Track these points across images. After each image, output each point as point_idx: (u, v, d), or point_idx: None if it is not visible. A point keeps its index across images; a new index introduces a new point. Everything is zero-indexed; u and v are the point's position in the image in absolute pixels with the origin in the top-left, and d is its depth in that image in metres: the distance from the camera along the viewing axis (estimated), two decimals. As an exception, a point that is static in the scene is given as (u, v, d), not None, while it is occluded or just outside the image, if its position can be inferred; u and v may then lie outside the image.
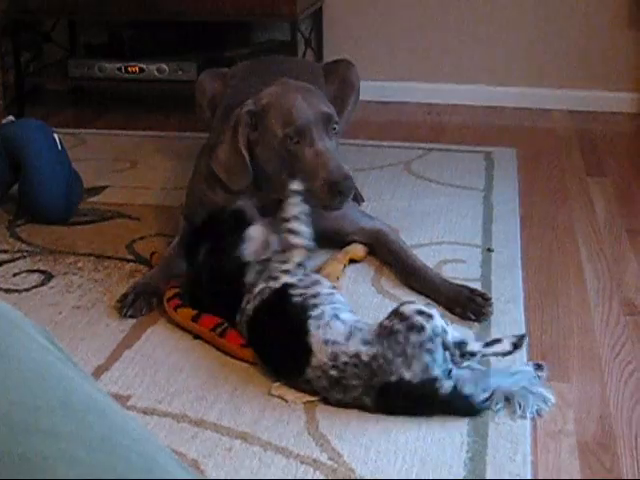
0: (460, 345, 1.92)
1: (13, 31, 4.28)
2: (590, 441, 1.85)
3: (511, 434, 1.84)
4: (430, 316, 1.90)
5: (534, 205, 3.13)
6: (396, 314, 1.92)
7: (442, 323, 1.92)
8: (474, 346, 1.96)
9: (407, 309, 1.92)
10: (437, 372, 1.87)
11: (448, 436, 1.83)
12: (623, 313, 2.38)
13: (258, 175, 2.46)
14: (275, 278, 2.10)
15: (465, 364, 1.94)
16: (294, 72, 3.17)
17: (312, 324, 1.94)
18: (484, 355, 1.97)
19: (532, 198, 3.19)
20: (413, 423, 1.87)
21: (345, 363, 1.88)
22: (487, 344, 1.98)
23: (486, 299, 2.33)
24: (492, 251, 2.70)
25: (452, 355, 1.91)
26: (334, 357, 1.89)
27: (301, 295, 2.03)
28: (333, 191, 2.31)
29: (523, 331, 2.24)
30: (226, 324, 2.18)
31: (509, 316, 2.31)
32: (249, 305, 2.09)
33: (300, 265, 2.14)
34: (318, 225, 2.26)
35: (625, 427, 1.89)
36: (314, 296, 2.03)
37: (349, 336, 1.91)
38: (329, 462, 1.75)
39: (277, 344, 2.01)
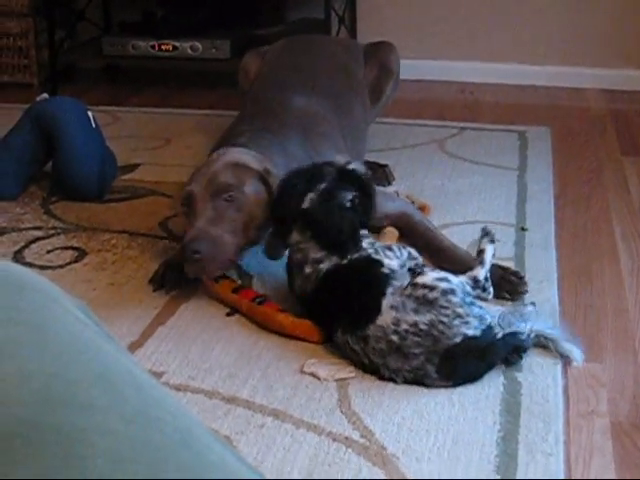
0: (476, 283, 2.10)
1: (47, 9, 4.30)
2: (623, 421, 1.84)
3: (543, 413, 1.83)
4: (446, 278, 1.99)
5: (568, 185, 3.11)
6: (418, 286, 1.96)
7: (455, 277, 2.02)
8: (480, 273, 2.13)
9: (427, 279, 1.97)
10: (489, 317, 1.96)
11: (480, 415, 1.83)
12: (658, 294, 2.37)
13: None
14: (377, 251, 2.13)
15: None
16: (331, 51, 3.16)
17: (389, 290, 1.99)
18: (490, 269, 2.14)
19: (566, 178, 3.17)
20: (446, 402, 1.87)
21: (406, 331, 1.91)
22: (480, 262, 2.15)
23: (520, 277, 2.32)
24: (526, 230, 2.69)
25: (480, 295, 2.09)
26: (396, 322, 1.92)
27: (391, 270, 2.08)
28: (183, 253, 2.23)
29: (557, 311, 2.23)
30: (265, 297, 2.22)
31: (542, 295, 2.30)
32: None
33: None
34: None
35: (659, 408, 1.88)
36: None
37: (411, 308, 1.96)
38: (361, 440, 1.75)
39: (353, 296, 2.03)
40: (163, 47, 4.19)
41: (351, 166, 2.25)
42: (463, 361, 1.91)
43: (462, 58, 4.46)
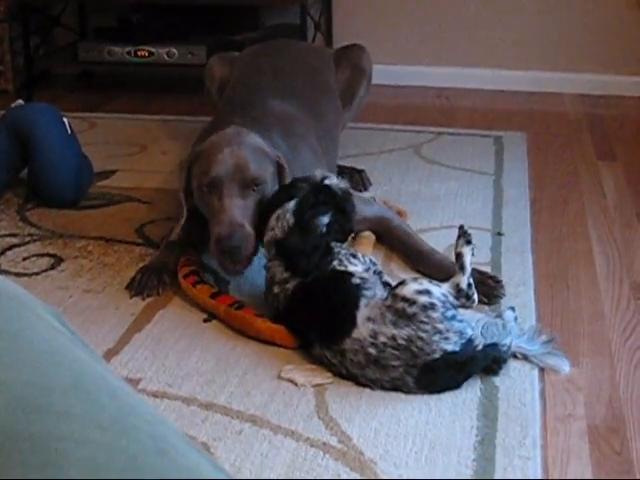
0: (459, 292, 2.04)
1: (22, 15, 4.28)
2: (600, 425, 1.85)
3: (520, 417, 1.84)
4: (427, 291, 1.95)
5: (544, 189, 3.12)
6: (397, 298, 1.94)
7: (438, 289, 1.98)
8: (463, 280, 2.06)
9: (406, 292, 1.94)
10: (469, 331, 1.95)
11: (458, 419, 1.83)
12: (633, 297, 2.38)
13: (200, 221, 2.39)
14: (343, 263, 2.11)
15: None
16: (302, 56, 3.16)
17: (363, 301, 1.97)
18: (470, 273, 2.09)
19: (542, 182, 3.19)
20: (423, 406, 1.87)
21: (384, 344, 1.90)
22: (461, 268, 2.08)
23: (497, 281, 2.33)
24: (502, 235, 2.70)
25: (465, 304, 2.05)
26: (374, 334, 1.92)
27: (361, 279, 2.06)
28: (220, 248, 2.22)
29: (533, 316, 2.24)
30: (242, 302, 2.22)
31: (519, 300, 2.31)
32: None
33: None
34: None
35: (635, 411, 1.89)
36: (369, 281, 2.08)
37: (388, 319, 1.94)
38: (339, 445, 1.75)
39: (325, 311, 2.02)
40: (139, 53, 4.18)
41: (328, 181, 2.23)
42: (442, 374, 1.91)
43: (438, 63, 4.47)
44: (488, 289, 2.30)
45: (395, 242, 2.57)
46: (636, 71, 4.29)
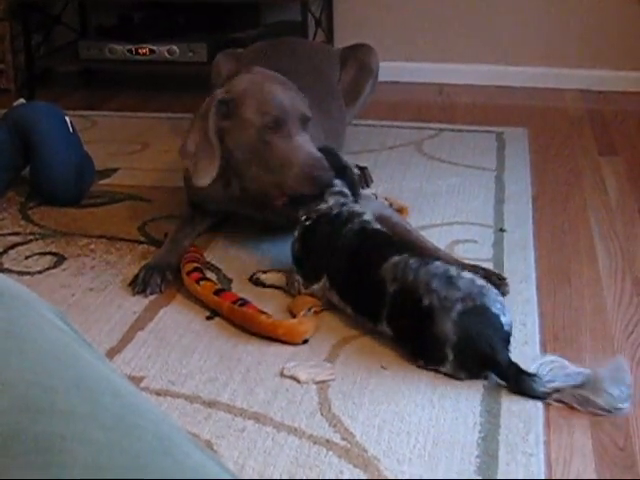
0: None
1: (23, 14, 4.28)
2: (603, 420, 1.85)
3: (523, 413, 1.84)
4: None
5: (546, 185, 3.12)
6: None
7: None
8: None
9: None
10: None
11: (461, 416, 1.84)
12: (635, 293, 2.38)
13: (226, 167, 2.41)
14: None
15: None
16: (307, 55, 3.16)
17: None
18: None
19: (544, 178, 3.19)
20: (426, 403, 1.87)
21: None
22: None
23: (501, 279, 2.33)
24: (504, 231, 2.70)
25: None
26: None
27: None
28: (310, 181, 2.26)
29: (536, 312, 2.24)
30: (246, 300, 2.23)
31: (521, 296, 2.31)
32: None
33: None
34: None
35: (638, 406, 1.89)
36: None
37: None
38: (342, 442, 1.75)
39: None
40: (140, 51, 4.18)
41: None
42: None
43: (439, 60, 4.47)
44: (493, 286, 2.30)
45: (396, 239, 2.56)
46: (637, 66, 4.28)
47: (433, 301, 1.95)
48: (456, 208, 2.88)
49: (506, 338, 1.96)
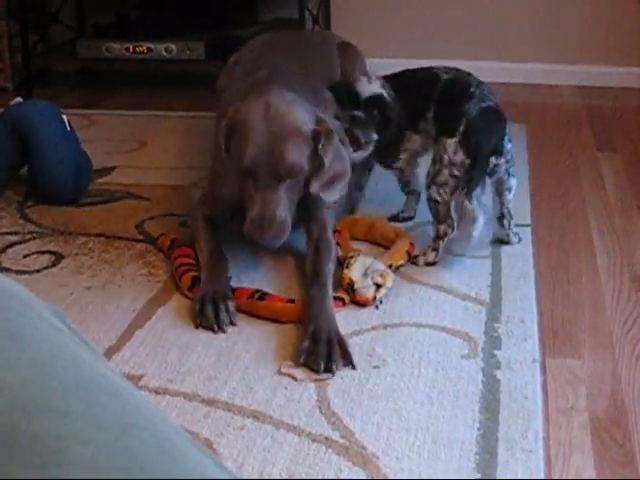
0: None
1: (20, 12, 4.28)
2: (602, 417, 1.85)
3: (522, 411, 1.84)
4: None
5: (544, 181, 3.12)
6: None
7: None
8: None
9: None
10: None
11: (460, 413, 1.83)
12: (634, 289, 2.38)
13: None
14: None
15: None
16: (315, 42, 3.15)
17: None
18: None
19: (542, 174, 3.19)
20: (425, 400, 1.87)
21: None
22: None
23: None
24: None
25: None
26: None
27: None
28: (256, 236, 2.21)
29: (534, 308, 2.24)
30: (262, 290, 2.24)
31: (520, 292, 2.31)
32: None
33: None
34: None
35: (637, 402, 1.89)
36: None
37: None
38: (341, 440, 1.75)
39: None
40: (137, 49, 4.18)
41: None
42: None
43: (437, 57, 4.45)
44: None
45: (308, 252, 2.42)
46: (634, 62, 4.29)
47: None
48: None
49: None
